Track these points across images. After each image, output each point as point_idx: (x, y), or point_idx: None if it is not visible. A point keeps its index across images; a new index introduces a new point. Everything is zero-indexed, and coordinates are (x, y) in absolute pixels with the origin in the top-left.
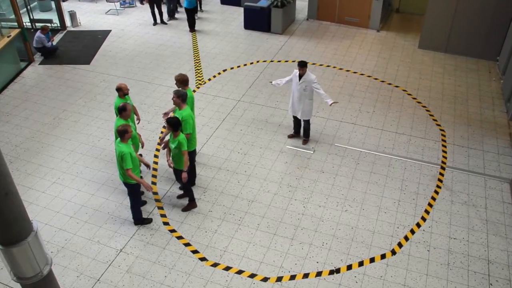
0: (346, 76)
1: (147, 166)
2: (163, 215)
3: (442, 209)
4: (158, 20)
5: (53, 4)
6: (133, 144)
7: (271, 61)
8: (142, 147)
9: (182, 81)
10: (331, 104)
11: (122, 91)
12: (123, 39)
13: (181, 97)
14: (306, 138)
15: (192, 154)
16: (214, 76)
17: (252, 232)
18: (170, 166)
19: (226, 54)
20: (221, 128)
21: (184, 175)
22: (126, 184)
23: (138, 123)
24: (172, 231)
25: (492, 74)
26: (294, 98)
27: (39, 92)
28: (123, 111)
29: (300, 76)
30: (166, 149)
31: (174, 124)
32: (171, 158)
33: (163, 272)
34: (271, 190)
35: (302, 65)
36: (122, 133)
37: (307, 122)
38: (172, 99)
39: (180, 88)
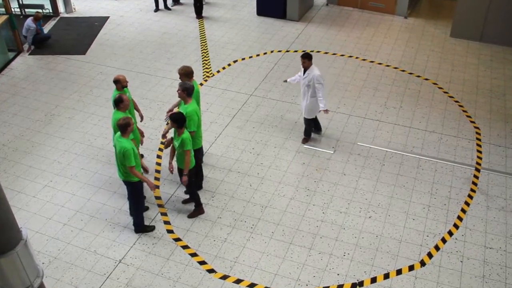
0: (370, 67)
1: (145, 170)
2: (167, 222)
3: (477, 215)
4: (161, 6)
5: None
6: (134, 139)
7: (287, 51)
8: (141, 144)
9: (186, 74)
10: (321, 110)
11: (120, 84)
12: (123, 26)
13: (187, 91)
14: (306, 136)
15: (198, 153)
16: (224, 68)
17: (265, 241)
18: (170, 171)
19: (236, 43)
20: (231, 126)
21: (184, 178)
22: (127, 182)
23: (141, 120)
24: (177, 239)
25: None
26: (301, 94)
27: (29, 86)
28: (119, 102)
29: (305, 70)
30: (170, 149)
31: (178, 120)
32: (174, 160)
33: (167, 286)
34: (286, 195)
35: (305, 57)
36: (124, 127)
37: (307, 122)
38: (178, 91)
39: (186, 82)
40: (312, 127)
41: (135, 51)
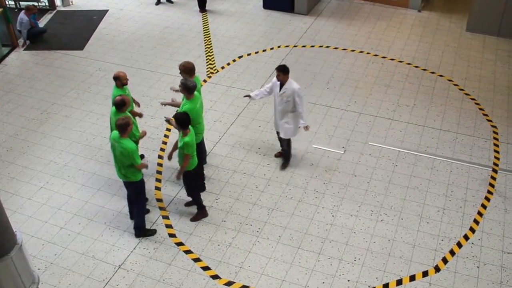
0: (382, 63)
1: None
2: (168, 226)
3: (494, 218)
4: None
5: None
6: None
7: (295, 46)
8: (142, 136)
9: (187, 70)
10: (301, 127)
11: (120, 81)
12: (122, 20)
13: (188, 90)
14: (284, 162)
15: (199, 149)
16: (228, 64)
17: (272, 245)
18: (168, 158)
19: (242, 38)
20: (236, 124)
21: (179, 176)
22: (128, 183)
23: (141, 117)
24: (179, 244)
25: None
26: (276, 111)
27: (25, 82)
28: (121, 107)
29: (281, 85)
30: (174, 144)
31: (182, 121)
32: (176, 154)
33: None
34: (294, 197)
35: (280, 70)
36: (124, 127)
37: (286, 143)
38: (179, 86)
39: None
40: (289, 150)
41: (135, 46)
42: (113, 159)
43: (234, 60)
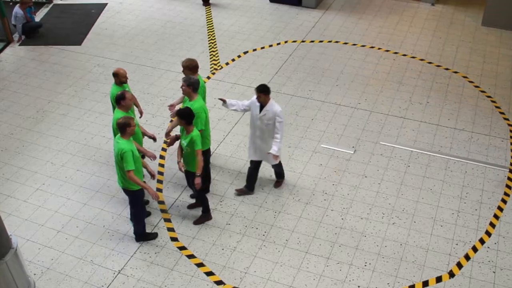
0: (393, 59)
1: (152, 175)
2: (170, 229)
3: (511, 221)
4: None
5: None
6: (136, 142)
7: (303, 41)
8: (155, 140)
9: (191, 67)
10: (270, 153)
11: (118, 78)
12: (122, 14)
13: (192, 86)
14: (279, 179)
15: (206, 155)
16: (233, 60)
17: (279, 249)
18: (181, 170)
19: (247, 32)
20: (241, 123)
21: (198, 180)
22: (126, 191)
23: (141, 117)
24: (182, 248)
25: None
26: (254, 135)
27: (20, 79)
28: (121, 100)
29: (262, 107)
30: (178, 147)
31: (186, 117)
32: (182, 160)
33: None
34: (302, 199)
35: (261, 91)
36: (123, 127)
37: (277, 166)
38: (181, 87)
39: (189, 76)
40: (281, 169)
41: (136, 41)
42: (114, 163)
43: (239, 56)
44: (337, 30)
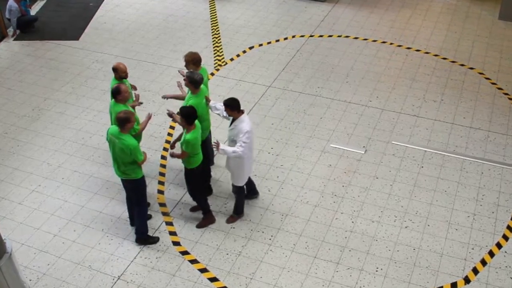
0: (406, 55)
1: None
2: (172, 233)
3: None
4: None
5: None
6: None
7: (311, 36)
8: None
9: (195, 61)
10: (217, 142)
11: (117, 73)
12: (122, 7)
13: (194, 83)
14: (233, 214)
15: (205, 148)
16: (238, 55)
17: (286, 254)
18: (171, 155)
19: (253, 26)
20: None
21: (173, 154)
22: (128, 181)
23: (139, 104)
24: (184, 253)
25: None
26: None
27: (14, 76)
28: (117, 94)
29: (233, 120)
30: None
31: (188, 116)
32: (177, 146)
33: None
34: (310, 201)
35: (226, 105)
36: (123, 122)
37: (235, 190)
38: (184, 80)
39: (192, 70)
40: (244, 196)
41: (136, 36)
42: (111, 156)
43: (244, 52)
44: (347, 24)
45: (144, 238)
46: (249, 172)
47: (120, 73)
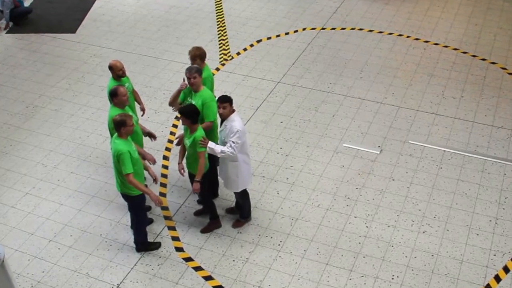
0: (424, 49)
1: (154, 179)
2: (175, 238)
3: None
4: None
5: None
6: (135, 142)
7: (323, 28)
8: (154, 138)
9: (202, 56)
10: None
11: (114, 72)
12: None
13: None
14: (240, 219)
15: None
16: (245, 49)
17: (296, 261)
18: (181, 173)
19: (261, 19)
20: (254, 120)
21: (196, 186)
22: (125, 196)
23: (143, 114)
24: (188, 259)
25: None
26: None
27: (7, 71)
28: (113, 96)
29: (222, 119)
30: (180, 147)
31: (190, 114)
32: (184, 161)
33: None
34: (322, 204)
35: (221, 101)
36: (119, 125)
37: (239, 195)
38: (192, 78)
39: (196, 65)
40: (249, 199)
41: (137, 28)
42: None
43: (251, 45)
44: (361, 16)
45: (144, 246)
46: (248, 177)
47: (116, 72)
